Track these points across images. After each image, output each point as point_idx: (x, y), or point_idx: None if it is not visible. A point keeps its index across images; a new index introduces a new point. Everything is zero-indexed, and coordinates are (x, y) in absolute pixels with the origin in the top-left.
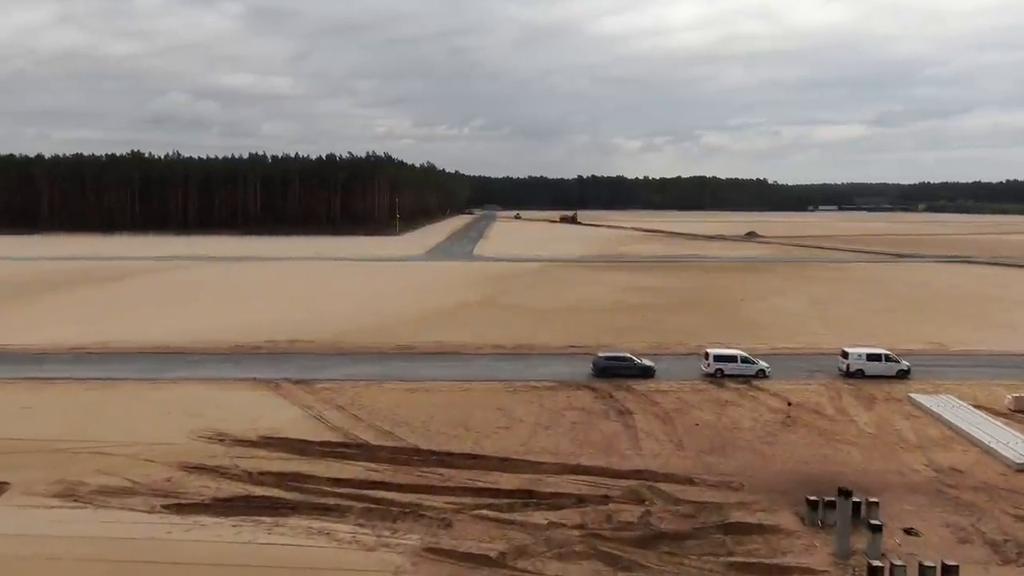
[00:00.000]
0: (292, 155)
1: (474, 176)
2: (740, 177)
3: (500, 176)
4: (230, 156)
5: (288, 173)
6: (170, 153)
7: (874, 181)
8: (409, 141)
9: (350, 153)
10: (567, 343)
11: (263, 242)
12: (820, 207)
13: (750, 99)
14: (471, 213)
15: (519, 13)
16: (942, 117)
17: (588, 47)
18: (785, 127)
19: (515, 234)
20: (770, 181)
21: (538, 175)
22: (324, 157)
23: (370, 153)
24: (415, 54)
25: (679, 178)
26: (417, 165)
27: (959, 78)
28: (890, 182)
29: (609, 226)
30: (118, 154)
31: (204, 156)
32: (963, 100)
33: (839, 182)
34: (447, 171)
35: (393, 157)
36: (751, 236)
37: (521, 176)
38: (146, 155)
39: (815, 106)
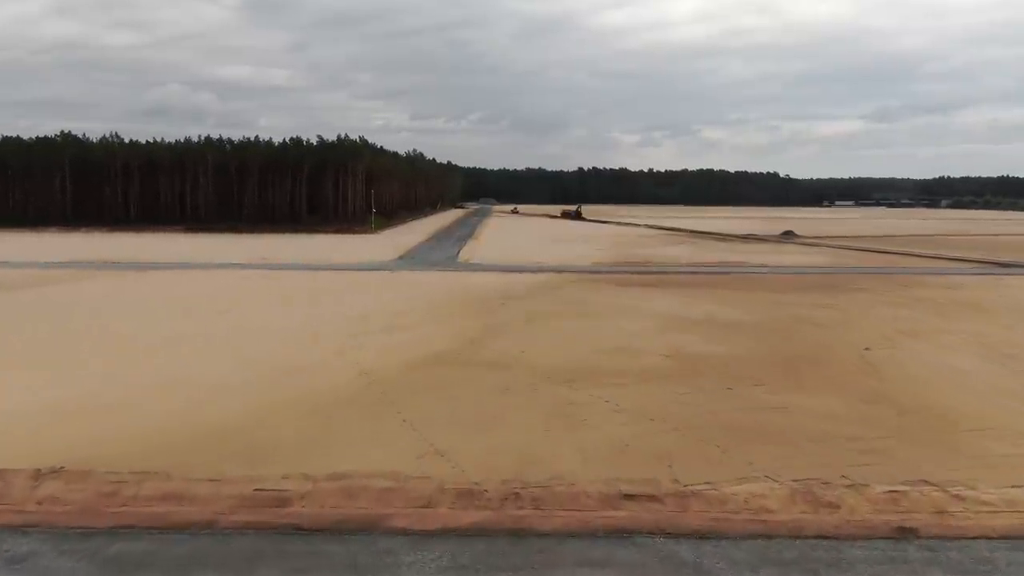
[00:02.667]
0: (251, 138)
1: (470, 168)
2: (748, 170)
3: (497, 168)
4: (180, 140)
5: (245, 160)
6: (107, 135)
7: (889, 176)
8: (407, 134)
9: (319, 137)
10: (613, 479)
11: (208, 241)
12: (836, 202)
13: (749, 93)
14: (463, 207)
15: (520, 6)
16: (945, 112)
17: (588, 40)
18: (785, 122)
19: (512, 232)
20: (781, 174)
21: (536, 167)
22: (288, 141)
23: (342, 136)
24: (414, 47)
25: (685, 171)
26: (403, 153)
27: (960, 72)
28: (905, 176)
29: (618, 222)
30: (50, 135)
31: (151, 139)
32: (966, 95)
33: (851, 176)
34: (438, 161)
35: (369, 141)
36: (789, 236)
37: (519, 168)
38: (80, 136)
39: (816, 101)
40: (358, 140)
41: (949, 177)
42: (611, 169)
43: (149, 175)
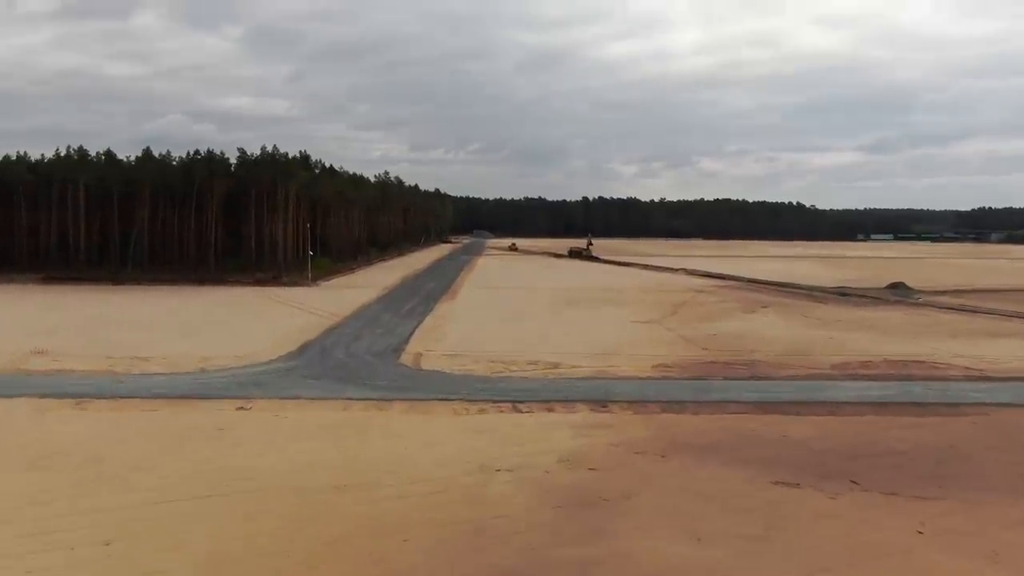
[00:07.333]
0: (143, 151)
1: (467, 198)
2: (767, 200)
3: (494, 198)
4: (42, 157)
5: (134, 183)
6: None
7: (906, 207)
8: (406, 164)
9: (240, 151)
10: None
11: (49, 303)
12: (872, 236)
13: (748, 124)
14: (450, 242)
15: (524, 38)
16: (944, 143)
17: (590, 72)
18: (784, 153)
19: (506, 284)
20: (807, 205)
21: (536, 197)
22: (195, 155)
23: (269, 151)
24: (414, 77)
25: (701, 200)
26: (373, 178)
27: (959, 103)
28: (918, 207)
29: (645, 265)
30: None
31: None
32: (965, 125)
33: (868, 207)
34: (420, 187)
35: (312, 157)
36: (902, 290)
37: (518, 198)
38: None
39: (815, 132)
40: (299, 155)
41: (991, 208)
42: (619, 199)
43: (2, 203)
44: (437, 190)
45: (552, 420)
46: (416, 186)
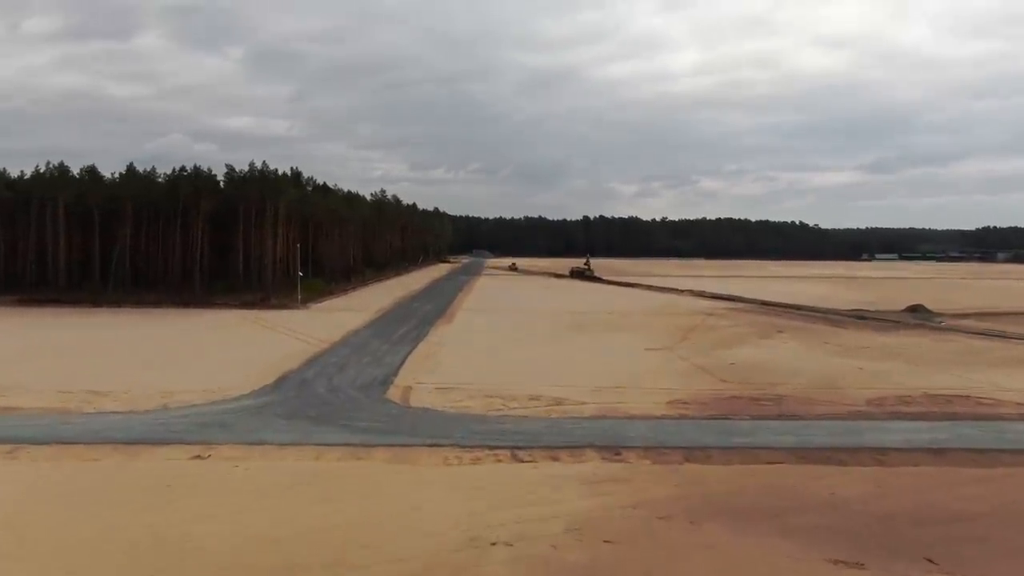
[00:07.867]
0: (127, 167)
1: (466, 217)
2: (770, 219)
3: (493, 217)
4: (21, 174)
5: (117, 200)
6: None
7: (907, 226)
8: (406, 184)
9: (228, 168)
10: None
11: (18, 327)
12: (877, 255)
13: (748, 144)
14: (448, 261)
15: (524, 59)
16: (944, 163)
17: (590, 92)
18: (783, 172)
19: (505, 306)
20: (810, 224)
21: (536, 216)
22: (180, 171)
23: (257, 168)
24: (416, 97)
25: (704, 219)
26: (369, 196)
27: (956, 124)
28: (918, 226)
29: (649, 286)
30: None
31: None
32: (964, 145)
33: (869, 226)
34: (419, 206)
35: (305, 175)
36: (922, 313)
37: (517, 217)
38: None
39: (814, 152)
40: (290, 172)
41: (996, 227)
42: (620, 218)
43: None
44: (436, 209)
45: (558, 472)
46: (414, 204)
